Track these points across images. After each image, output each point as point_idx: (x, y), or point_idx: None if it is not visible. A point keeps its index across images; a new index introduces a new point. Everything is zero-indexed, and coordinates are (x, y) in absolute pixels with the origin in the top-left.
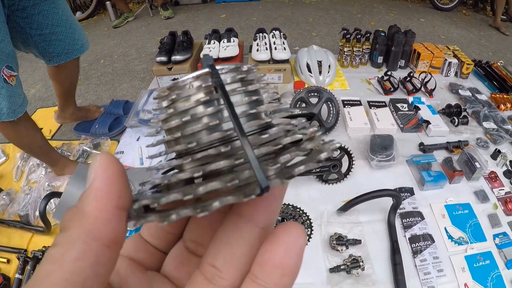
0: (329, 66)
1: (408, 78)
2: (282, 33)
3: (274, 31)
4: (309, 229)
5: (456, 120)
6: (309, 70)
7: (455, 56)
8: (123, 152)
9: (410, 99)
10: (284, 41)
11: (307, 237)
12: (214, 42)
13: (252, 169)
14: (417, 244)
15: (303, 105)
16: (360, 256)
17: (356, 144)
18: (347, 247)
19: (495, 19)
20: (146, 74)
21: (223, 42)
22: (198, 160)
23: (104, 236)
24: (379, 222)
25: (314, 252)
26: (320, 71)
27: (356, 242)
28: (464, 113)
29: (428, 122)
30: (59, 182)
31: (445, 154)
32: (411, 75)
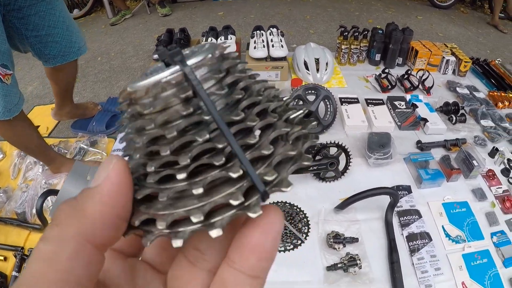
0: (327, 63)
1: (406, 76)
2: (279, 31)
3: (271, 29)
4: (306, 227)
5: (454, 118)
6: (307, 68)
7: (453, 54)
8: (120, 149)
9: (408, 97)
10: (282, 39)
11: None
12: (212, 40)
13: (252, 180)
14: (415, 242)
15: (301, 102)
16: (357, 254)
17: (353, 141)
18: (344, 245)
19: (493, 17)
20: (144, 71)
21: (221, 39)
22: (192, 172)
23: (99, 240)
24: (377, 220)
25: (311, 250)
26: (318, 69)
27: (353, 240)
28: (462, 111)
29: (425, 120)
30: (56, 180)
31: (442, 152)
32: (409, 72)
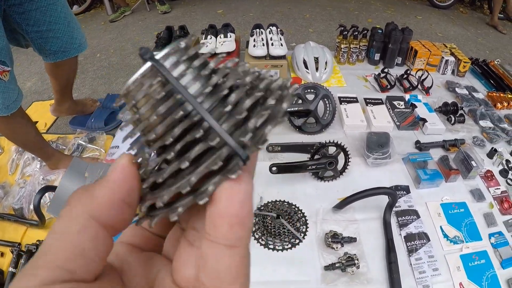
0: (326, 62)
1: (405, 76)
2: (279, 29)
3: (271, 27)
4: (304, 226)
5: (453, 119)
6: (306, 67)
7: (452, 54)
8: (118, 146)
9: (407, 96)
10: (281, 37)
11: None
12: (211, 37)
13: (229, 145)
14: (413, 242)
15: (300, 101)
16: (355, 254)
17: (352, 141)
18: (342, 245)
19: (492, 18)
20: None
21: (220, 37)
22: (179, 151)
23: (104, 219)
24: (375, 220)
25: (309, 250)
26: (317, 68)
27: (352, 240)
28: (460, 112)
29: (424, 120)
30: (54, 176)
31: (441, 153)
32: (408, 72)
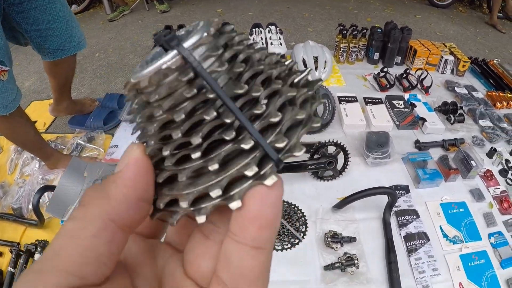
0: (325, 62)
1: (404, 75)
2: (278, 28)
3: (270, 26)
4: (304, 226)
5: (452, 118)
6: (305, 66)
7: (451, 53)
8: (118, 146)
9: (406, 96)
10: (280, 36)
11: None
12: None
13: (264, 150)
14: (412, 242)
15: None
16: (354, 254)
17: (351, 140)
18: (342, 245)
19: (492, 17)
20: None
21: None
22: (207, 150)
23: (121, 220)
24: (374, 220)
25: (309, 249)
26: (316, 67)
27: (351, 239)
28: (460, 111)
29: (424, 120)
30: (53, 176)
31: (441, 152)
32: (407, 72)
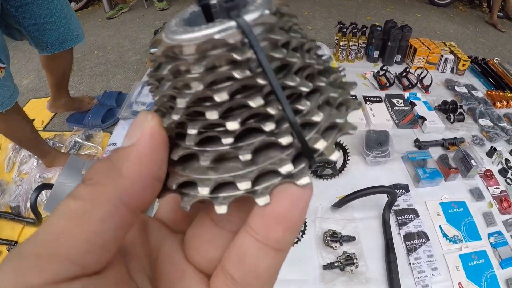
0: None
1: (404, 74)
2: None
3: None
4: (303, 225)
5: (452, 117)
6: None
7: (451, 52)
8: (116, 144)
9: (406, 94)
10: None
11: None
12: None
13: (303, 148)
14: (412, 242)
15: None
16: (354, 253)
17: (351, 139)
18: (341, 244)
19: (492, 16)
20: (140, 65)
21: None
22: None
23: (133, 202)
24: (374, 219)
25: (308, 249)
26: None
27: (350, 239)
28: (460, 110)
29: (423, 118)
30: (51, 174)
31: (440, 151)
32: (407, 70)
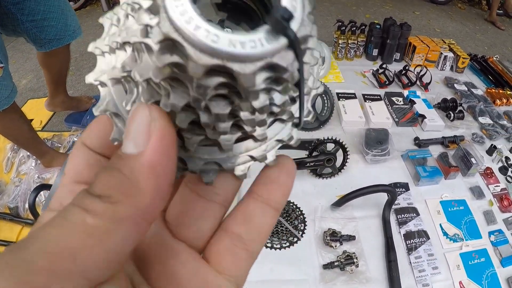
0: (324, 58)
1: (403, 72)
2: None
3: None
4: (302, 224)
5: (452, 115)
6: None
7: (450, 50)
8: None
9: (406, 92)
10: None
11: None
12: None
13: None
14: (412, 240)
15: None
16: (354, 253)
17: (350, 138)
18: (341, 243)
19: (491, 13)
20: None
21: None
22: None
23: (154, 216)
24: (374, 218)
25: (307, 248)
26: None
27: (350, 238)
28: (459, 108)
29: (423, 116)
30: (49, 174)
31: (440, 149)
32: (407, 68)
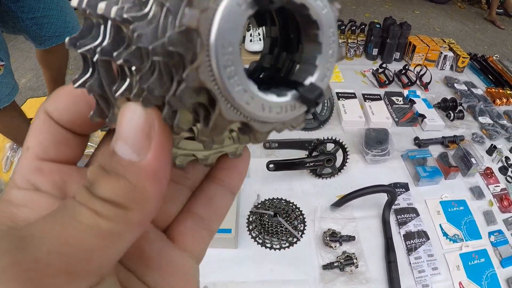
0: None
1: (403, 71)
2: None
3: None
4: (302, 225)
5: (452, 115)
6: None
7: (450, 49)
8: None
9: (405, 92)
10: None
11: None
12: None
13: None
14: (412, 241)
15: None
16: (354, 253)
17: (350, 138)
18: (341, 244)
19: (491, 13)
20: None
21: None
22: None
23: (154, 215)
24: (374, 218)
25: (307, 248)
26: None
27: (350, 238)
28: (459, 108)
29: (423, 116)
30: None
31: (440, 149)
32: (406, 68)
